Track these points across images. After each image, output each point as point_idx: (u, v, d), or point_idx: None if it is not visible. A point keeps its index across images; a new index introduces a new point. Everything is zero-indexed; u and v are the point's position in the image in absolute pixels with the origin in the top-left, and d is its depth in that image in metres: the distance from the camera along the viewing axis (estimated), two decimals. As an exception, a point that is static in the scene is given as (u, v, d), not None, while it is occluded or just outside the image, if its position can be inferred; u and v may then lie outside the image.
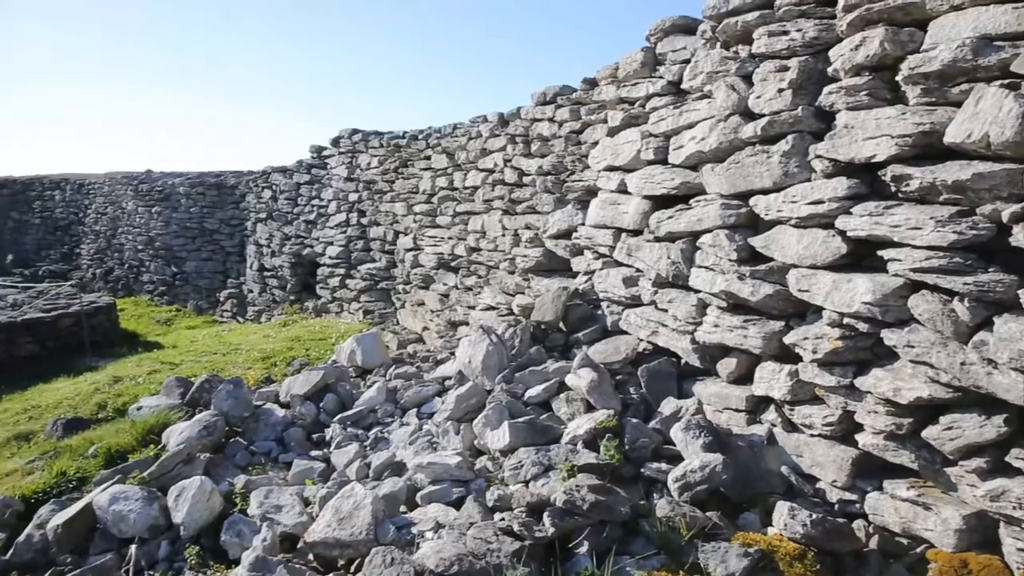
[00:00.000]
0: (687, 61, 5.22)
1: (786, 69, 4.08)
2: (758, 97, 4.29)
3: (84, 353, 11.17)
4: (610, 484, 3.58)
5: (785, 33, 4.13)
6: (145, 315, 15.62)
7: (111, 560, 4.16)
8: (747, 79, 4.47)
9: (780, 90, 4.09)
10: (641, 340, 5.34)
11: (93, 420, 6.90)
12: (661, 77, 5.52)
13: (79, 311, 11.67)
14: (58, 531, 4.39)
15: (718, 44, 4.83)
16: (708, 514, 3.49)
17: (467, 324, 8.25)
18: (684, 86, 5.22)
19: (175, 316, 15.56)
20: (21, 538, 4.47)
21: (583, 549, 3.23)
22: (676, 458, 4.05)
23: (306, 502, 4.39)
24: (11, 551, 4.40)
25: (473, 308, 8.12)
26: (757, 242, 4.35)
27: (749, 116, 4.43)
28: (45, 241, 22.04)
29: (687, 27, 5.36)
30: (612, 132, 6.09)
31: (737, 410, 4.42)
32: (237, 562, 4.03)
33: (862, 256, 3.74)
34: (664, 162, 5.39)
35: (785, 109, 4.08)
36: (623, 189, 5.86)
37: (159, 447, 5.54)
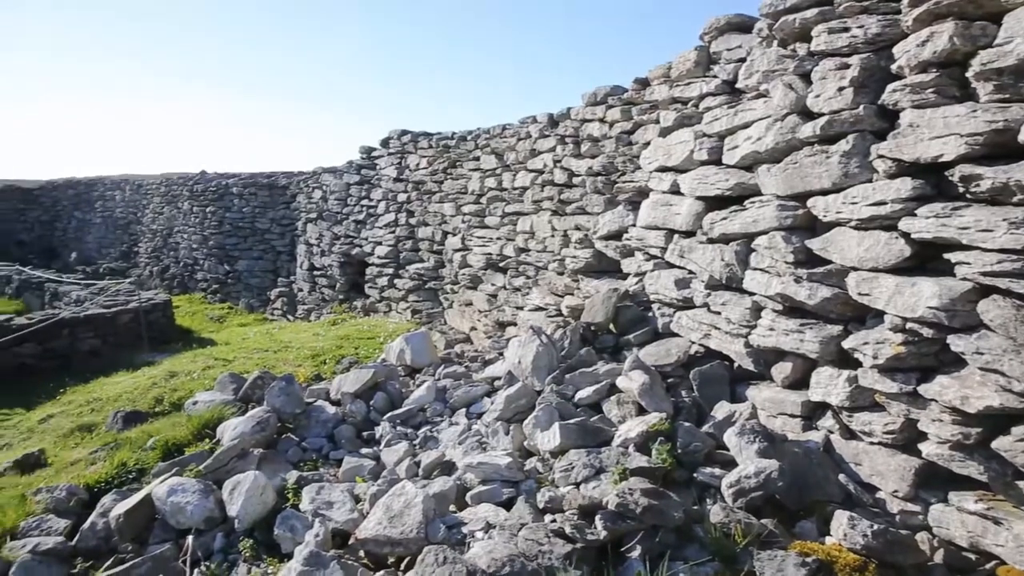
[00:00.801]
0: (742, 60, 5.13)
1: (847, 67, 3.98)
2: (817, 96, 4.19)
3: (142, 348, 11.50)
4: (662, 488, 3.53)
5: (846, 30, 4.02)
6: (199, 312, 16.00)
7: (169, 550, 4.27)
8: (805, 77, 4.37)
9: (840, 88, 3.98)
10: (693, 343, 5.26)
11: (150, 413, 7.08)
12: (715, 76, 5.44)
13: (137, 308, 12.01)
14: (120, 520, 4.52)
15: (775, 42, 4.73)
16: (763, 521, 3.41)
17: (515, 325, 8.25)
18: (739, 85, 5.14)
19: (228, 313, 15.91)
20: (86, 525, 4.63)
21: (635, 553, 3.20)
22: (729, 463, 3.98)
23: (356, 499, 4.44)
24: (77, 537, 4.55)
25: (521, 309, 8.11)
26: (815, 244, 4.24)
27: (807, 115, 4.33)
28: (106, 239, 22.78)
29: (742, 25, 5.28)
30: (664, 132, 6.03)
31: (792, 415, 4.32)
32: (289, 556, 4.09)
33: (927, 259, 3.61)
34: (718, 162, 5.31)
35: (846, 108, 3.97)
36: (675, 190, 5.79)
37: (214, 441, 5.67)
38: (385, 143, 12.28)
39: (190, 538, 4.34)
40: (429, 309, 10.71)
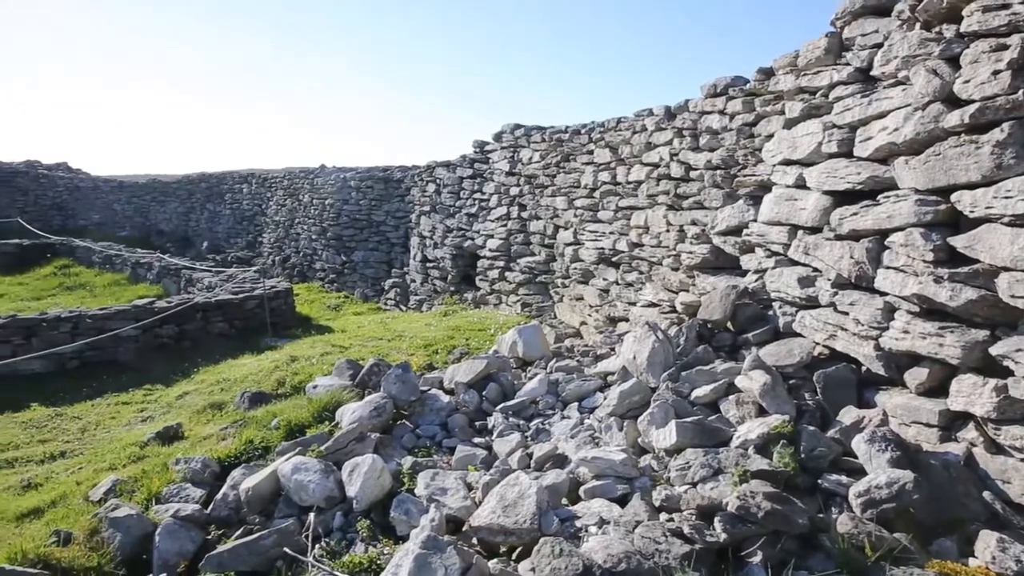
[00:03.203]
0: (878, 46, 4.84)
1: (1004, 48, 3.67)
2: (966, 81, 3.89)
3: (265, 333, 12.12)
4: (785, 493, 3.40)
5: (1005, 7, 3.70)
6: (317, 300, 16.70)
7: (292, 525, 4.49)
8: (952, 62, 4.07)
9: (996, 72, 3.68)
10: (817, 344, 5.03)
11: (273, 395, 7.46)
12: (848, 64, 5.16)
13: (262, 295, 12.65)
14: (249, 493, 4.80)
15: (917, 25, 4.44)
16: (896, 535, 3.22)
17: (626, 320, 8.16)
18: (874, 73, 4.85)
19: (343, 302, 16.53)
20: (219, 496, 4.94)
21: (756, 559, 3.09)
22: (857, 471, 3.78)
23: (469, 487, 4.51)
24: (211, 506, 4.87)
25: (633, 304, 8.01)
26: (958, 242, 3.95)
27: (953, 103, 4.03)
28: (233, 230, 24.20)
29: (880, 8, 4.97)
30: (789, 124, 5.78)
31: (928, 425, 4.04)
32: (404, 538, 4.22)
33: (1093, 259, 3.30)
34: (848, 155, 5.04)
35: (1001, 93, 3.66)
36: (800, 184, 5.54)
37: (333, 424, 5.91)
38: (498, 137, 12.40)
39: (312, 515, 4.55)
40: (539, 303, 10.75)
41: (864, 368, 4.64)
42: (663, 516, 3.60)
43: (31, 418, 7.96)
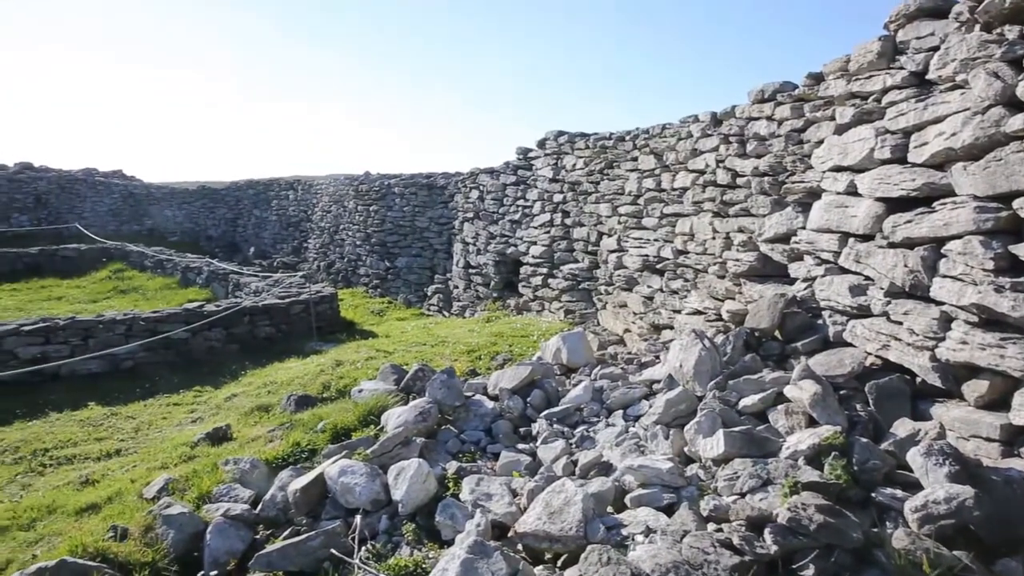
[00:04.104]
0: (934, 49, 4.73)
1: (1069, 51, 3.56)
2: (1029, 85, 3.78)
3: (310, 337, 12.30)
4: (838, 506, 3.33)
5: (1070, 10, 3.60)
6: (361, 305, 16.90)
7: (339, 527, 4.54)
8: (1015, 64, 3.95)
9: (1060, 76, 3.57)
10: (868, 354, 4.92)
11: (319, 398, 7.55)
12: (902, 68, 5.05)
13: (307, 299, 12.85)
14: (296, 495, 4.87)
15: (976, 27, 4.33)
16: (955, 553, 3.12)
17: (671, 328, 8.09)
18: (930, 76, 4.74)
19: (387, 308, 16.70)
20: (267, 496, 5.02)
21: (808, 572, 3.03)
22: (912, 486, 3.68)
23: (514, 493, 4.52)
24: (260, 507, 4.96)
25: (678, 312, 7.93)
26: (1020, 250, 3.83)
27: (1016, 107, 3.92)
28: (280, 236, 24.67)
29: (936, 10, 4.86)
30: (840, 130, 5.68)
31: (988, 439, 3.92)
32: (449, 543, 4.24)
33: None
34: (902, 161, 4.93)
35: (1066, 98, 3.55)
36: (852, 191, 5.44)
37: (378, 428, 5.97)
38: (541, 144, 12.42)
39: (358, 517, 4.60)
40: (582, 309, 10.71)
41: (919, 379, 4.52)
42: (711, 526, 3.55)
43: (88, 416, 8.22)
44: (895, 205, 4.94)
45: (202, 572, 4.34)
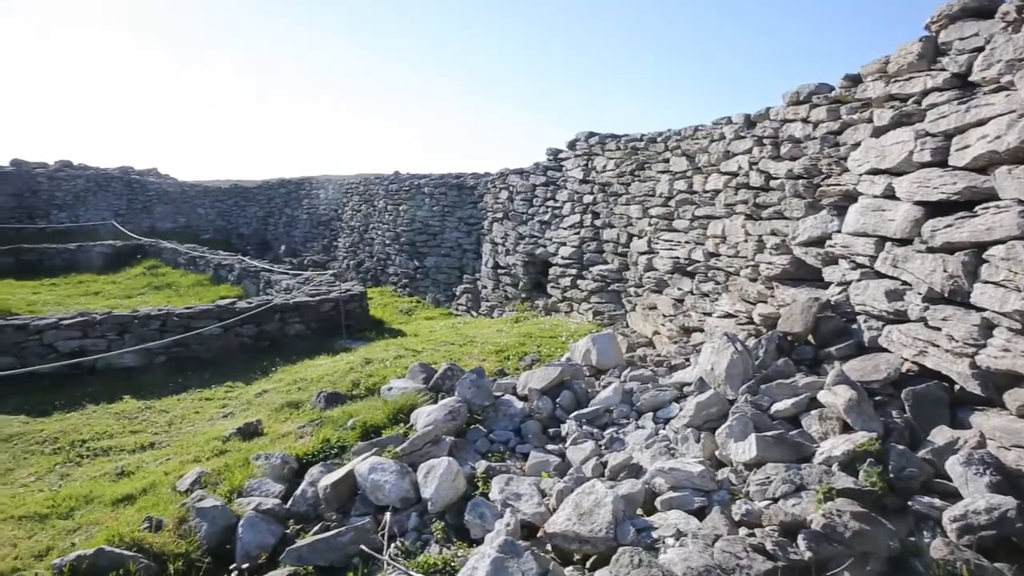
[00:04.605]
0: (978, 50, 4.63)
1: (1120, 53, 3.46)
2: (1077, 88, 3.69)
3: (340, 335, 12.38)
4: (873, 514, 3.27)
5: (1121, 11, 3.50)
6: (390, 304, 17.00)
7: (369, 523, 4.58)
8: (1063, 67, 3.86)
9: (1110, 78, 3.48)
10: (905, 360, 4.83)
11: (348, 396, 7.62)
12: (943, 69, 4.95)
13: (337, 298, 12.94)
14: (327, 491, 4.92)
15: (1023, 27, 4.23)
16: (997, 565, 3.06)
17: (701, 331, 8.02)
18: (973, 78, 4.64)
19: (415, 307, 16.79)
20: (298, 492, 5.08)
21: (843, 580, 2.99)
22: (951, 495, 3.61)
23: (543, 493, 4.52)
24: (290, 502, 5.01)
25: (709, 315, 7.87)
26: (1066, 256, 3.74)
27: (1063, 110, 3.82)
28: (310, 234, 24.91)
29: (981, 10, 4.75)
30: (878, 132, 5.59)
31: (1030, 448, 3.83)
32: (478, 541, 4.25)
33: None
34: (943, 164, 4.83)
35: (1116, 100, 3.46)
36: (889, 194, 5.35)
37: (407, 426, 6.00)
38: (572, 145, 12.40)
39: (388, 514, 4.63)
40: (611, 311, 10.67)
41: (957, 387, 4.43)
42: (743, 531, 3.52)
43: (123, 409, 8.37)
44: (934, 209, 4.85)
45: (234, 565, 4.40)
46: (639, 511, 4.07)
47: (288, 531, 4.77)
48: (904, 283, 5.06)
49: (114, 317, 10.93)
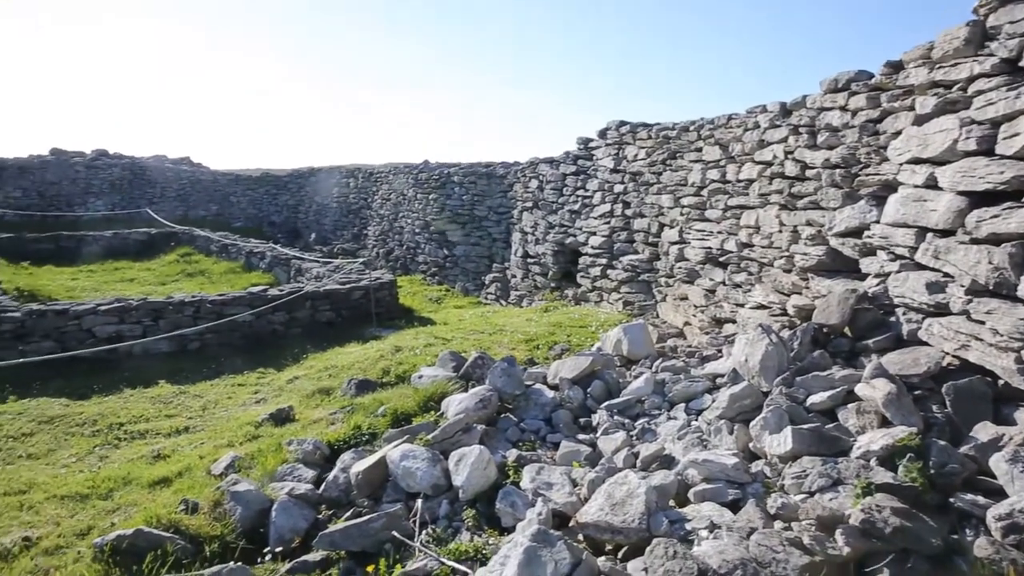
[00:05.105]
0: (1029, 34, 4.49)
1: None
2: None
3: (370, 323, 12.44)
4: (914, 510, 3.21)
5: None
6: (419, 293, 17.07)
7: (400, 510, 4.60)
8: (1119, 52, 3.72)
9: None
10: (946, 353, 4.72)
11: (379, 383, 7.66)
12: (991, 55, 4.81)
13: (367, 286, 13.00)
14: (359, 477, 4.95)
15: (1076, 12, 4.09)
16: (1044, 563, 2.99)
17: (733, 322, 7.93)
18: (1023, 64, 4.51)
19: (444, 295, 16.84)
20: (330, 477, 5.12)
21: (883, 577, 2.94)
22: (995, 492, 3.53)
23: (574, 483, 4.51)
24: (322, 487, 5.06)
25: (741, 306, 7.78)
26: (1119, 248, 3.62)
27: (1118, 97, 3.69)
28: (340, 223, 25.08)
29: (1032, -6, 4.61)
30: (920, 120, 5.45)
31: (1078, 446, 3.72)
32: (509, 530, 4.26)
33: None
34: (989, 153, 4.70)
35: None
36: (931, 184, 5.22)
37: (438, 414, 6.02)
38: (602, 134, 12.31)
39: (419, 501, 4.65)
40: (641, 301, 10.60)
41: (1001, 382, 4.32)
42: (778, 524, 3.47)
43: (159, 394, 8.52)
44: (980, 199, 4.72)
45: (268, 548, 4.45)
46: (671, 502, 4.04)
47: (320, 516, 4.81)
48: (946, 275, 4.95)
49: (149, 303, 11.10)
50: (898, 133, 5.80)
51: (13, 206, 25.80)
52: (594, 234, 12.04)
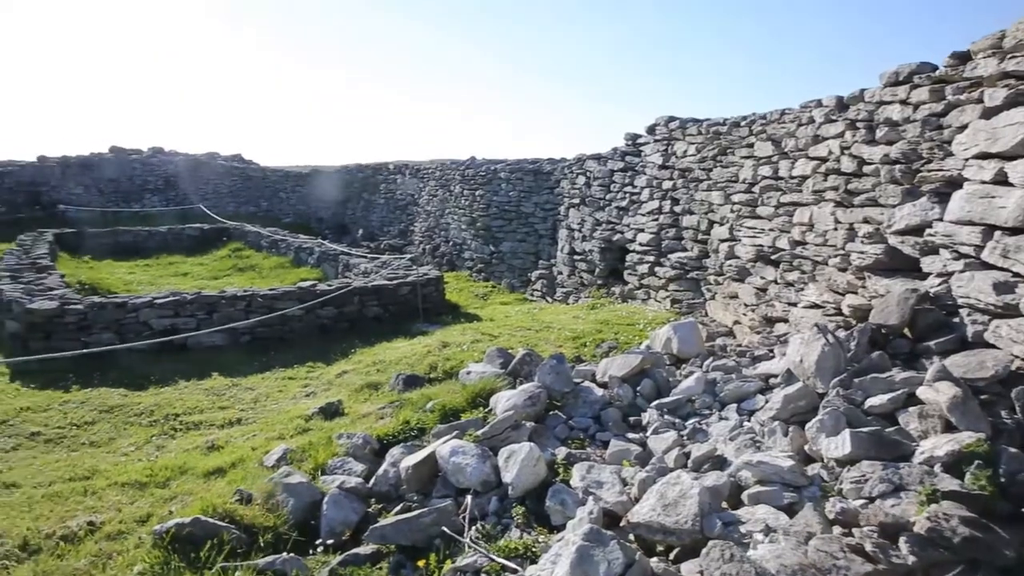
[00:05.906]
0: (1109, 23, 4.29)
1: None
2: None
3: (417, 318, 12.52)
4: (984, 520, 3.09)
5: None
6: (465, 289, 17.13)
7: (450, 506, 4.62)
8: None
9: None
10: (1015, 357, 4.54)
11: (426, 379, 7.71)
12: (1066, 45, 4.61)
13: (415, 281, 13.09)
14: (408, 472, 4.99)
15: None
16: (1123, 579, 2.84)
17: (785, 321, 7.76)
18: (1102, 54, 4.30)
19: (491, 292, 16.86)
20: (380, 471, 5.17)
21: (950, 588, 2.83)
22: (1069, 503, 3.38)
23: (624, 482, 4.46)
24: (372, 481, 5.11)
25: (794, 305, 7.60)
26: None
27: None
28: (387, 219, 25.28)
29: (1111, -18, 4.40)
30: (988, 113, 5.24)
31: None
32: (558, 528, 4.24)
33: None
34: (1063, 147, 4.50)
35: None
36: (1001, 180, 5.02)
37: (486, 410, 6.03)
38: (651, 130, 12.17)
39: (469, 497, 4.66)
40: (690, 299, 10.46)
41: (1074, 387, 4.14)
42: (837, 530, 3.37)
43: (212, 386, 8.72)
44: (1052, 196, 4.53)
45: (320, 540, 4.51)
46: (724, 504, 3.96)
47: (370, 510, 4.87)
48: (1015, 275, 4.75)
49: (203, 297, 11.37)
50: (963, 127, 5.59)
51: (75, 202, 26.68)
52: (642, 231, 11.92)
